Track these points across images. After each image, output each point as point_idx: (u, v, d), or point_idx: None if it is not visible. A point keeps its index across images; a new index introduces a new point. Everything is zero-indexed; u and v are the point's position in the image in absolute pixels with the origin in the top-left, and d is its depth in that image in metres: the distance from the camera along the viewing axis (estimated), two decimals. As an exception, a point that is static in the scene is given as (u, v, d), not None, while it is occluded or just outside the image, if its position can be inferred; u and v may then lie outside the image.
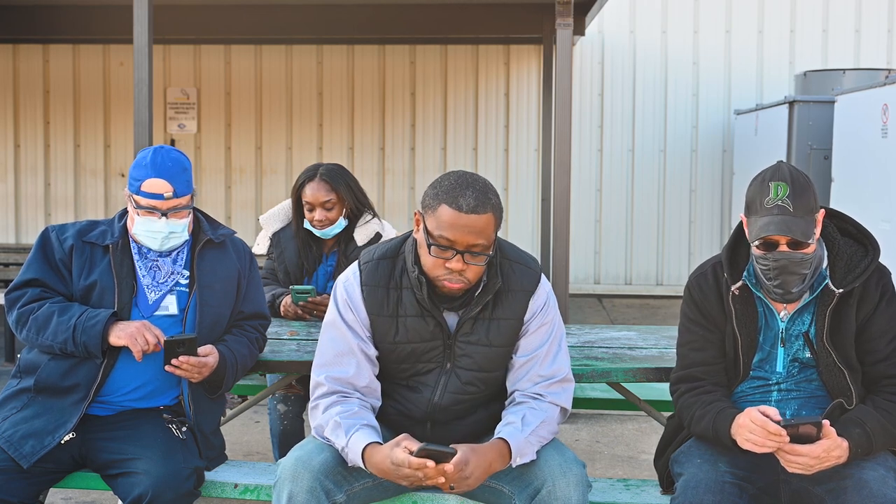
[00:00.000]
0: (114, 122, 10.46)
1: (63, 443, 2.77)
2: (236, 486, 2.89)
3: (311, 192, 3.90)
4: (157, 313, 2.92)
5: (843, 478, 2.46)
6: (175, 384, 2.94)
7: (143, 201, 2.88)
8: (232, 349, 2.97)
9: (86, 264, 2.91)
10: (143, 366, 2.84)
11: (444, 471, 2.33)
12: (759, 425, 2.41)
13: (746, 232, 2.61)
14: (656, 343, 3.57)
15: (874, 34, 10.30)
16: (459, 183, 2.47)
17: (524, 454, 2.51)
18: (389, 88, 10.39)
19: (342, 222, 3.94)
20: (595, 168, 10.43)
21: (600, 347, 3.48)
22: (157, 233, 2.91)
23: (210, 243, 3.04)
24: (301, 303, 3.79)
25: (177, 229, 2.93)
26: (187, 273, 2.99)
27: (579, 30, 8.56)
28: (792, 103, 8.11)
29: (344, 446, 2.48)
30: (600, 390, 4.33)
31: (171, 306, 2.94)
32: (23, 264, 2.99)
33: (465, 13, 8.75)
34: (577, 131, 9.91)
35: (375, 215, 4.03)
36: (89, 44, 10.31)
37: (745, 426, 2.45)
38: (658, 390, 3.84)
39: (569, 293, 6.22)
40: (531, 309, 2.65)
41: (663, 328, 3.87)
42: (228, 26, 9.12)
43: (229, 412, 3.77)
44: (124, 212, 3.01)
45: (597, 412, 5.53)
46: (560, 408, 2.65)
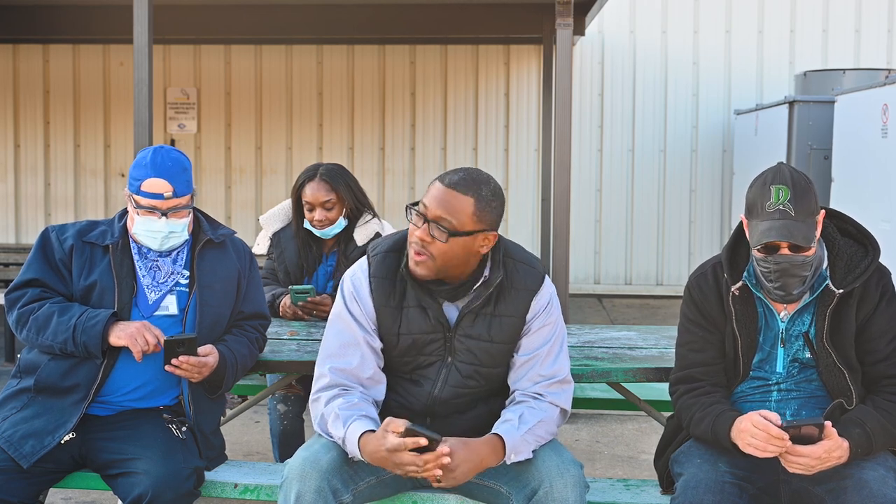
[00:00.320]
0: (114, 122, 10.45)
1: (63, 443, 2.77)
2: (236, 486, 2.89)
3: (311, 191, 3.90)
4: (156, 313, 2.92)
5: (843, 478, 2.46)
6: (175, 384, 2.94)
7: (143, 201, 2.88)
8: (232, 349, 2.97)
9: (86, 264, 2.90)
10: (143, 366, 2.84)
11: (427, 459, 2.35)
12: (761, 429, 2.41)
13: (747, 234, 2.61)
14: (656, 343, 3.57)
15: (874, 34, 10.30)
16: (460, 168, 2.61)
17: (519, 452, 2.52)
18: (389, 88, 10.39)
19: (342, 222, 3.94)
20: (595, 168, 10.43)
21: (600, 347, 3.48)
22: (156, 232, 2.91)
23: (210, 243, 3.03)
24: (301, 303, 3.79)
25: (177, 229, 2.93)
26: (187, 273, 2.99)
27: (579, 30, 8.56)
28: (792, 103, 8.11)
29: (342, 437, 2.50)
30: (600, 390, 4.33)
31: (171, 306, 2.94)
32: (23, 264, 2.98)
33: (465, 13, 8.75)
34: (577, 131, 9.90)
35: (375, 215, 4.03)
36: (89, 44, 10.31)
37: (746, 430, 2.44)
38: (658, 390, 3.83)
39: (569, 293, 6.22)
40: (534, 308, 2.67)
41: (663, 328, 3.87)
42: (228, 26, 9.12)
43: (229, 412, 3.77)
44: (124, 212, 3.01)
45: (597, 412, 5.53)
46: (559, 409, 2.66)
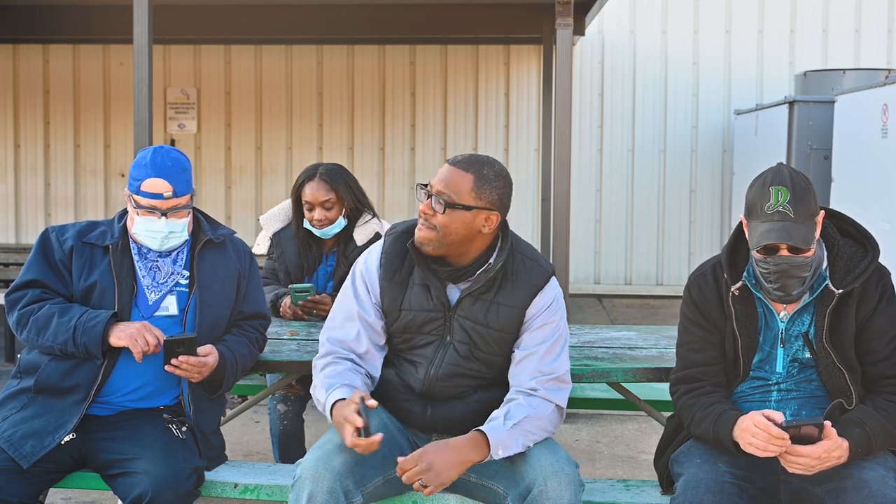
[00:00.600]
0: (114, 122, 10.45)
1: (63, 443, 2.77)
2: (236, 485, 2.89)
3: (311, 191, 3.90)
4: (157, 314, 2.92)
5: (842, 478, 2.46)
6: (175, 384, 2.94)
7: (143, 201, 2.88)
8: (232, 349, 2.97)
9: (86, 265, 2.90)
10: (144, 366, 2.84)
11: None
12: (761, 429, 2.41)
13: (747, 234, 2.61)
14: (656, 343, 3.57)
15: (874, 34, 10.30)
16: (470, 152, 2.80)
17: (507, 446, 2.53)
18: (389, 88, 10.39)
19: (342, 222, 3.94)
20: (595, 168, 10.43)
21: (600, 347, 3.48)
22: (156, 233, 2.91)
23: (210, 243, 3.03)
24: (301, 302, 3.79)
25: (176, 229, 2.93)
26: (187, 273, 2.99)
27: (579, 30, 8.56)
28: (792, 103, 8.11)
29: (324, 404, 2.59)
30: (600, 390, 4.32)
31: (171, 307, 2.94)
32: (23, 264, 2.98)
33: (465, 13, 8.75)
34: (577, 131, 9.90)
35: (375, 215, 4.02)
36: (89, 44, 10.30)
37: (747, 430, 2.44)
38: (658, 390, 3.83)
39: (569, 293, 6.23)
40: (536, 304, 2.70)
41: (663, 328, 3.87)
42: (228, 26, 9.12)
43: (229, 412, 3.77)
44: (124, 212, 3.00)
45: (597, 412, 5.53)
46: (554, 405, 2.66)
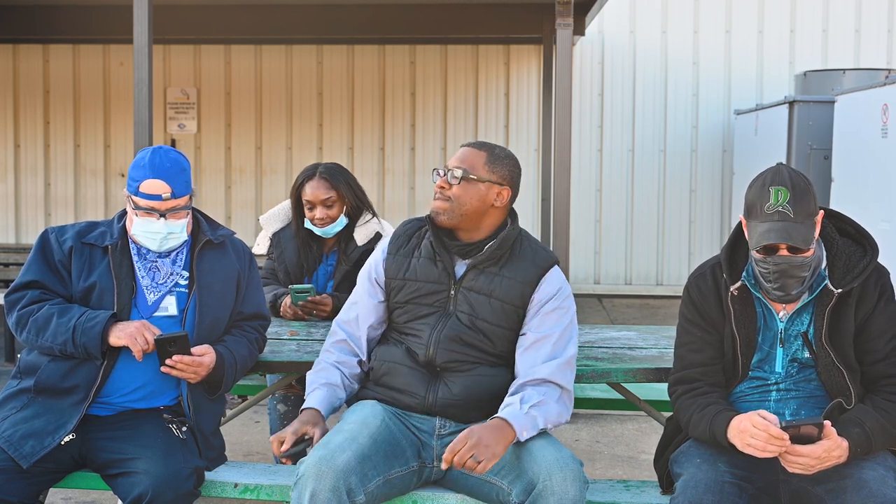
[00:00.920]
0: (114, 122, 10.45)
1: (63, 443, 2.77)
2: (236, 485, 2.89)
3: (311, 190, 3.90)
4: (156, 314, 2.91)
5: (842, 477, 2.46)
6: (175, 385, 2.93)
7: (142, 202, 2.87)
8: (231, 349, 2.97)
9: (85, 266, 2.90)
10: (143, 366, 2.84)
11: (452, 448, 2.50)
12: (761, 429, 2.41)
13: (746, 234, 2.61)
14: (656, 343, 3.57)
15: (874, 34, 10.30)
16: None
17: (529, 428, 2.61)
18: (389, 88, 10.39)
19: (343, 220, 3.94)
20: (595, 168, 10.43)
21: (600, 347, 3.48)
22: (155, 234, 2.91)
23: (209, 244, 3.03)
24: (301, 302, 3.79)
25: (175, 230, 2.93)
26: (187, 274, 2.99)
27: (579, 30, 8.56)
28: (792, 103, 8.11)
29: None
30: (600, 390, 4.33)
31: (170, 307, 2.94)
32: (23, 264, 2.98)
33: (465, 13, 8.75)
34: (577, 131, 9.90)
35: (375, 215, 4.03)
36: (89, 44, 10.30)
37: (746, 431, 2.44)
38: (658, 390, 3.83)
39: (569, 293, 6.21)
40: (544, 288, 2.79)
41: (663, 328, 3.87)
42: (228, 26, 9.12)
43: (229, 412, 3.77)
44: (124, 212, 3.00)
45: (597, 412, 5.53)
46: (562, 389, 2.72)
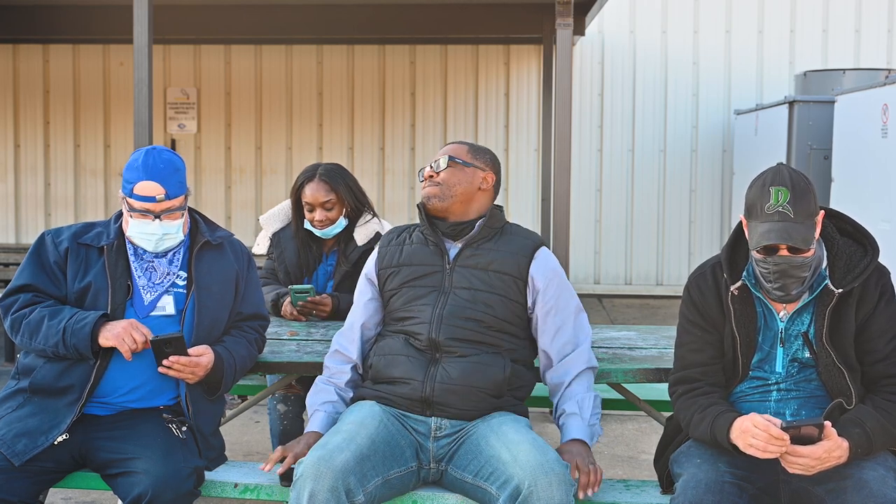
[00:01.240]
0: (114, 122, 10.46)
1: (57, 443, 2.76)
2: (236, 485, 2.89)
3: (311, 192, 3.90)
4: (153, 314, 2.91)
5: (842, 478, 2.46)
6: (173, 385, 2.93)
7: (136, 204, 2.87)
8: (230, 350, 2.97)
9: (81, 266, 2.90)
10: (141, 366, 2.84)
11: (584, 481, 2.70)
12: (762, 430, 2.41)
13: (746, 234, 2.61)
14: (656, 343, 3.57)
15: (874, 34, 10.30)
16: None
17: (592, 437, 2.86)
18: (389, 88, 10.39)
19: (342, 222, 3.94)
20: (595, 168, 10.43)
21: (600, 347, 3.48)
22: (151, 235, 2.91)
23: (208, 245, 3.03)
24: (300, 303, 3.78)
25: (171, 231, 2.93)
26: (184, 274, 2.99)
27: (579, 30, 8.57)
28: (792, 103, 8.11)
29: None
30: (600, 390, 4.31)
31: (167, 307, 2.93)
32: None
33: (465, 13, 8.75)
34: (577, 131, 9.90)
35: (375, 215, 4.02)
36: (89, 44, 10.31)
37: (748, 431, 2.44)
38: (658, 390, 3.83)
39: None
40: (538, 262, 2.92)
41: (663, 328, 3.86)
42: (228, 26, 9.13)
43: (229, 412, 3.77)
44: (121, 212, 3.00)
45: (597, 412, 5.52)
46: (594, 369, 3.01)
